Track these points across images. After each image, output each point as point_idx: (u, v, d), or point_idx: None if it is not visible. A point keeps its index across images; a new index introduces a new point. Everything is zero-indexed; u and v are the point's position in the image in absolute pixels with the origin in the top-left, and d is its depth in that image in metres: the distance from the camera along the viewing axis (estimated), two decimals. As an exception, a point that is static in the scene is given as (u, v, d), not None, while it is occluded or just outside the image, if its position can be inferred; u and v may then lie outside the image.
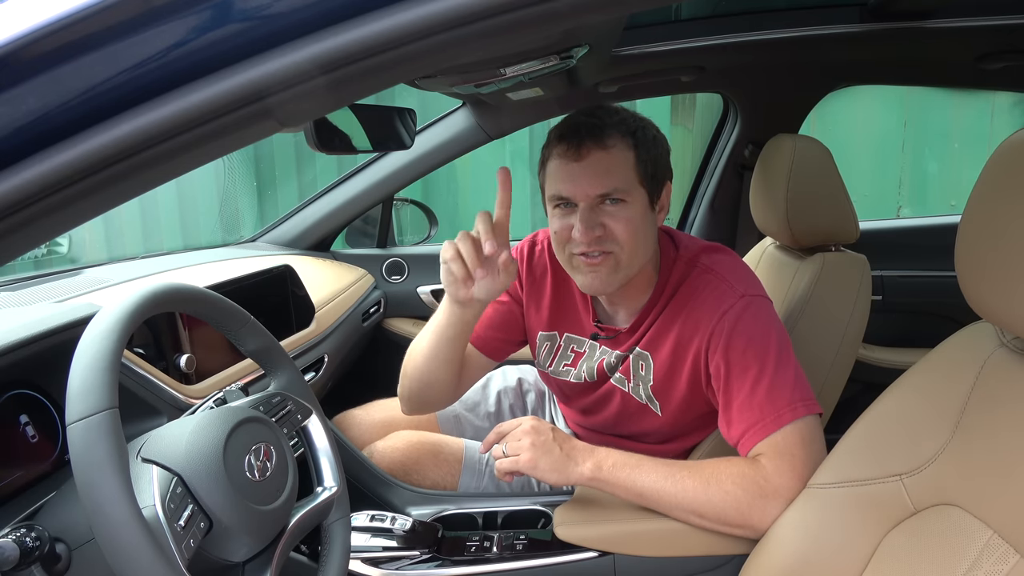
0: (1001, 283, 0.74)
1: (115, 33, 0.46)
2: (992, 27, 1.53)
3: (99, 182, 0.49)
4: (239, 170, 3.93)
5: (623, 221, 1.07)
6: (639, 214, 1.09)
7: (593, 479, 1.05)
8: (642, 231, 1.10)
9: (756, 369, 1.04)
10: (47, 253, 2.03)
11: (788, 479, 0.98)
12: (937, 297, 1.78)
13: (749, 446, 1.04)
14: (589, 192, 1.07)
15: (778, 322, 1.11)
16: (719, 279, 1.12)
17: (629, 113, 1.12)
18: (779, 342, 1.07)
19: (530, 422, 1.09)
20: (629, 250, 1.09)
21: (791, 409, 1.02)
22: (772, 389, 1.03)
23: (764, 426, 1.02)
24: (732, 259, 1.18)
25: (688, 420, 1.19)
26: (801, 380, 1.06)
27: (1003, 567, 0.72)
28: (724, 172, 2.12)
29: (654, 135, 1.13)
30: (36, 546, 0.69)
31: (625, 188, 1.07)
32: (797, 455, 1.00)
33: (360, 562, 1.08)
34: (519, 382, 1.60)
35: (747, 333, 1.06)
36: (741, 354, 1.05)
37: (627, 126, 1.09)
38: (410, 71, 0.57)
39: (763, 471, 1.00)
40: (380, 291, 2.15)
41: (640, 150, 1.09)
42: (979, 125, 3.45)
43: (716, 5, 1.67)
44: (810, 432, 1.03)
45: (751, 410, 1.04)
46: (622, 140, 1.08)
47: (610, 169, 1.07)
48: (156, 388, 1.06)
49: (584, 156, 1.07)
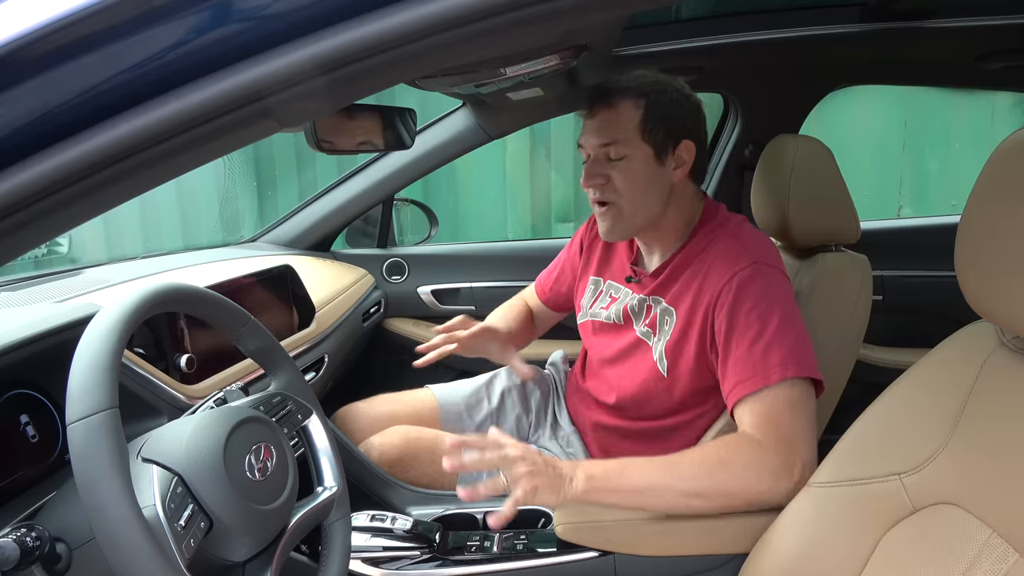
0: (1001, 283, 0.74)
1: (115, 33, 0.46)
2: (992, 27, 1.53)
3: (99, 182, 0.49)
4: (239, 170, 3.93)
5: (623, 172, 1.20)
6: (640, 168, 1.19)
7: (587, 491, 1.01)
8: (643, 183, 1.20)
9: (756, 329, 1.07)
10: (47, 253, 2.03)
11: (777, 443, 1.01)
12: (937, 297, 1.77)
13: (736, 398, 1.06)
14: (594, 142, 1.21)
15: (788, 294, 1.13)
16: (739, 243, 1.18)
17: (653, 77, 1.23)
18: (785, 309, 1.09)
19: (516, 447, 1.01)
20: (629, 200, 1.21)
21: (782, 368, 1.04)
22: (768, 349, 1.05)
23: (753, 381, 1.05)
24: (759, 233, 1.24)
25: (689, 388, 1.20)
26: (802, 345, 1.07)
27: (1002, 566, 0.72)
28: (724, 172, 2.12)
29: (674, 97, 1.21)
30: (36, 546, 0.69)
31: (623, 140, 1.19)
32: (784, 419, 1.02)
33: (360, 562, 1.08)
34: (523, 381, 1.60)
35: (754, 296, 1.09)
36: (744, 315, 1.09)
37: (641, 89, 1.20)
38: (410, 71, 0.57)
39: (753, 439, 1.02)
40: (380, 291, 2.15)
41: (650, 110, 1.19)
42: (979, 125, 3.45)
43: (716, 5, 1.67)
44: (800, 398, 1.04)
45: (744, 365, 1.06)
46: (630, 100, 1.19)
47: (611, 124, 1.20)
48: (156, 388, 1.06)
49: (595, 114, 1.22)
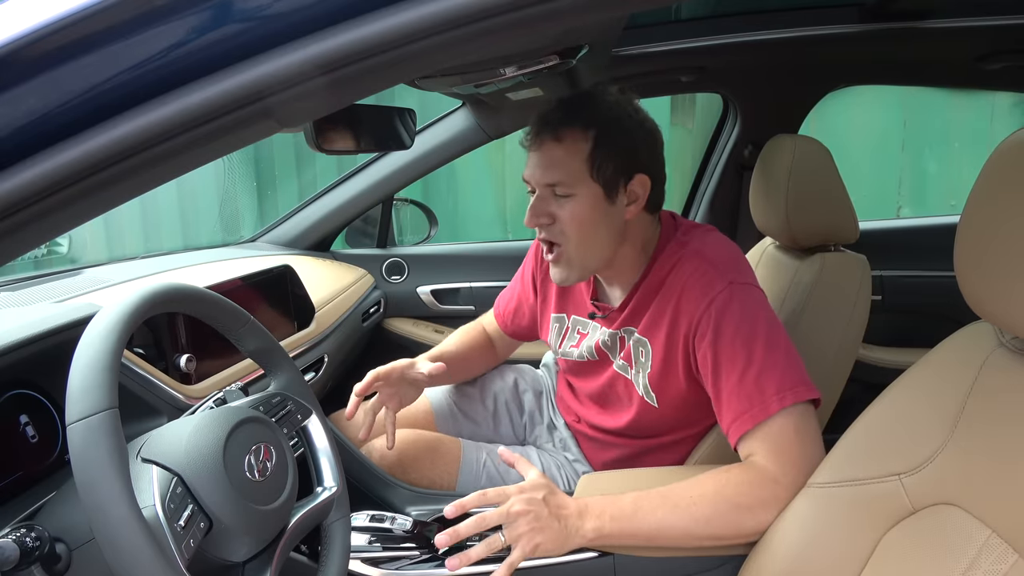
0: (1000, 283, 0.74)
1: (115, 33, 0.46)
2: (991, 27, 1.53)
3: (99, 182, 0.49)
4: (239, 170, 3.93)
5: (568, 213, 1.12)
6: (587, 208, 1.11)
7: (596, 539, 0.99)
8: (590, 224, 1.12)
9: (743, 358, 1.03)
10: (47, 253, 2.03)
11: (793, 475, 0.97)
12: (937, 297, 1.77)
13: (738, 433, 1.03)
14: (538, 180, 1.13)
15: (766, 308, 1.09)
16: (707, 264, 1.12)
17: (610, 103, 1.13)
18: (767, 329, 1.05)
19: (521, 500, 0.96)
20: (576, 242, 1.13)
21: (779, 398, 1.00)
22: (760, 377, 1.02)
23: (752, 415, 1.01)
24: (722, 242, 1.19)
25: (685, 410, 1.19)
26: (792, 367, 1.04)
27: (1002, 566, 0.72)
28: (724, 172, 2.13)
29: (626, 127, 1.12)
30: (36, 546, 0.69)
31: (569, 182, 1.11)
32: (793, 448, 0.99)
33: (360, 562, 1.08)
34: (515, 383, 1.60)
35: (734, 323, 1.05)
36: (729, 344, 1.05)
37: (594, 119, 1.11)
38: (410, 71, 0.57)
39: (767, 473, 0.99)
40: (380, 291, 2.15)
41: (600, 144, 1.10)
42: (979, 125, 3.45)
43: (716, 5, 1.67)
44: (803, 421, 1.01)
45: (739, 399, 1.03)
46: (579, 133, 1.10)
47: (557, 162, 1.11)
48: (156, 388, 1.06)
49: (540, 146, 1.13)
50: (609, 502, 1.00)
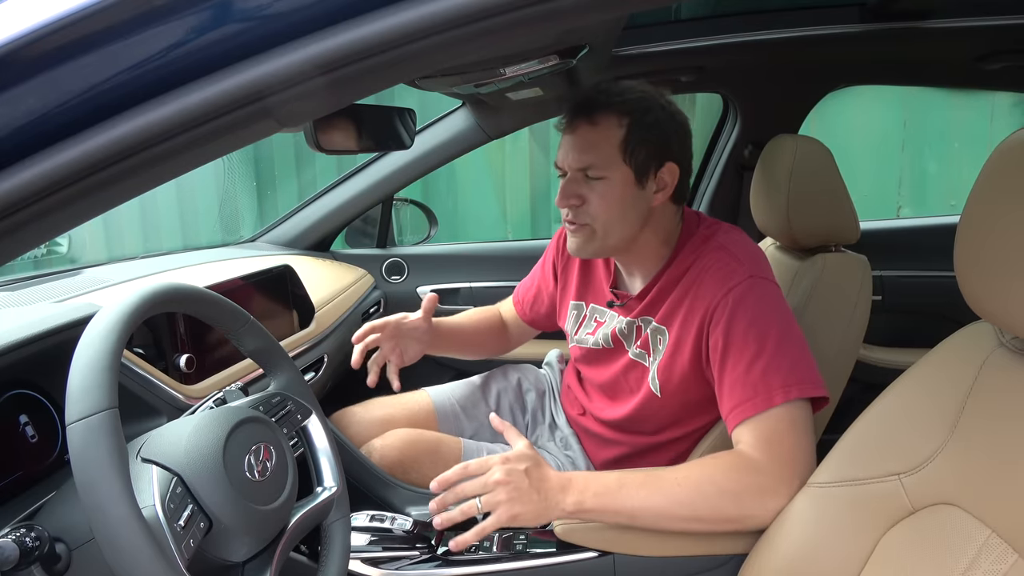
0: (1000, 283, 0.74)
1: (114, 33, 0.46)
2: (991, 27, 1.53)
3: (99, 182, 0.49)
4: (239, 170, 3.93)
5: (598, 195, 1.15)
6: (618, 191, 1.14)
7: (576, 512, 1.00)
8: (619, 207, 1.15)
9: (754, 349, 1.04)
10: (47, 253, 2.03)
11: (779, 467, 0.99)
12: (937, 297, 1.77)
13: (737, 420, 1.04)
14: (571, 164, 1.16)
15: (784, 306, 1.11)
16: (729, 256, 1.14)
17: (641, 93, 1.16)
18: (782, 325, 1.07)
19: (502, 470, 0.98)
20: (603, 223, 1.16)
21: (784, 391, 1.01)
22: (768, 369, 1.03)
23: (755, 404, 1.02)
24: (746, 241, 1.21)
25: (685, 404, 1.20)
26: (803, 362, 1.05)
27: (1001, 566, 0.72)
28: (724, 172, 2.12)
29: (659, 117, 1.15)
30: (36, 546, 0.69)
31: (602, 165, 1.13)
32: (784, 442, 1.00)
33: (360, 562, 1.08)
34: (518, 382, 1.60)
35: (750, 313, 1.06)
36: (742, 333, 1.06)
37: (628, 106, 1.14)
38: (410, 71, 0.57)
39: (753, 461, 1.00)
40: (380, 291, 2.15)
41: (633, 130, 1.13)
42: (979, 125, 3.45)
43: (716, 5, 1.67)
44: (800, 419, 1.02)
45: (744, 387, 1.04)
46: (614, 118, 1.13)
47: (591, 145, 1.14)
48: (156, 388, 1.06)
49: (574, 129, 1.16)
50: (593, 478, 1.02)
